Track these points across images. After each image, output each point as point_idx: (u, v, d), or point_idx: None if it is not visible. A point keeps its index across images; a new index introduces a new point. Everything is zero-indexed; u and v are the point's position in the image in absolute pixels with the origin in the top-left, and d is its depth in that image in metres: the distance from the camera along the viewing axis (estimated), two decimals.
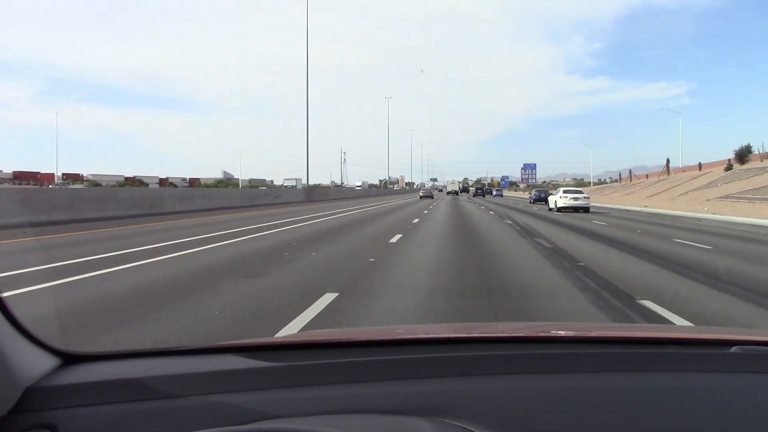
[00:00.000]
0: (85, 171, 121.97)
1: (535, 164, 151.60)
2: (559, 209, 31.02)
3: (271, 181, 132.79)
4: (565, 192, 33.06)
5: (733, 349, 1.32)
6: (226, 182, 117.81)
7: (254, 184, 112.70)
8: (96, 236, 13.18)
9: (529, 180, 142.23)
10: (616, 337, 1.58)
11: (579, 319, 5.21)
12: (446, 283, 7.30)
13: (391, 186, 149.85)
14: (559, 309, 5.81)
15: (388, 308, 5.65)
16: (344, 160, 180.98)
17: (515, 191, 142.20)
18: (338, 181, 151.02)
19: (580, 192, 33.19)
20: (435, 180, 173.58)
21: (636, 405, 1.12)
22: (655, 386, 1.17)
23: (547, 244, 12.15)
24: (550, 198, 35.79)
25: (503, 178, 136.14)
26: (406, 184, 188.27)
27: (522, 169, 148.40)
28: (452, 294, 6.56)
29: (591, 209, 30.98)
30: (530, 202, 49.83)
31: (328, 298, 5.86)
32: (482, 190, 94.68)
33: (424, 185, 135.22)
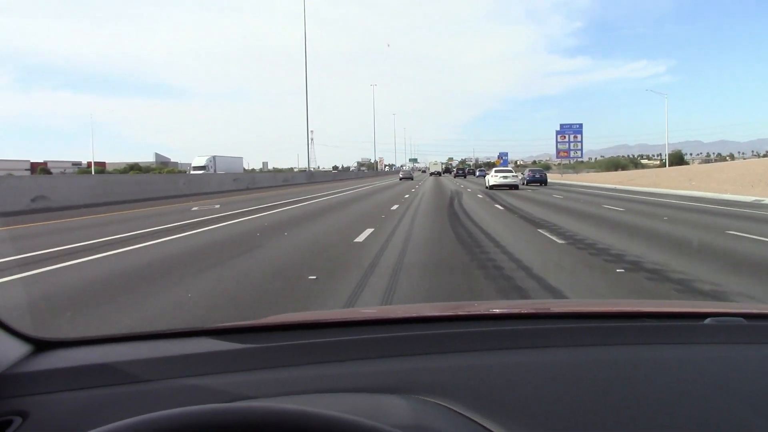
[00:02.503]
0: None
1: (507, 152, 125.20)
2: (491, 187, 34.73)
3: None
4: (496, 171, 37.45)
5: (707, 320, 1.35)
6: (152, 167, 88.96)
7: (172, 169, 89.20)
8: None
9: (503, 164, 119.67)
10: (592, 312, 1.59)
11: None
12: None
13: (362, 168, 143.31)
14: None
15: None
16: (312, 140, 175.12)
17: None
18: (306, 164, 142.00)
19: (510, 171, 38.82)
20: (415, 161, 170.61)
21: (613, 378, 1.13)
22: (632, 359, 1.20)
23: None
24: (486, 177, 39.78)
25: (501, 156, 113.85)
26: (387, 165, 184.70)
27: (498, 157, 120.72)
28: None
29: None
30: (523, 184, 42.56)
31: None
32: (464, 171, 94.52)
33: (404, 167, 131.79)
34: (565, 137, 70.39)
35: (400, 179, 64.81)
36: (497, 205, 19.34)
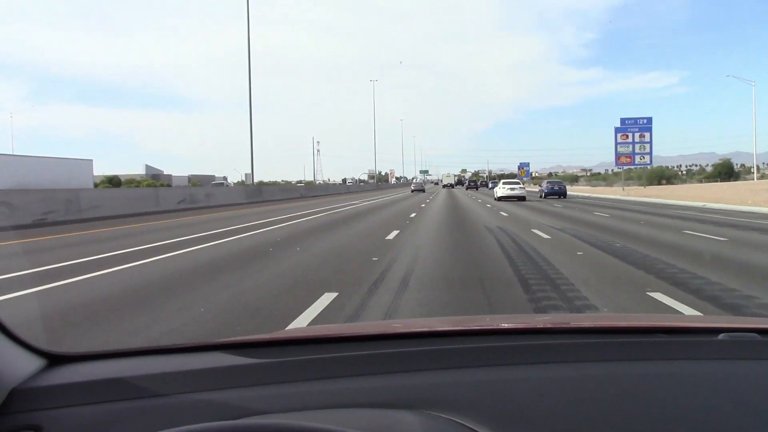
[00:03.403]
0: None
1: (528, 162, 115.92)
2: (499, 198, 35.80)
3: (224, 177, 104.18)
4: (504, 184, 38.66)
5: (720, 336, 1.31)
6: (140, 181, 76.12)
7: (195, 181, 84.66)
8: None
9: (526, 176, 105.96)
10: (605, 327, 1.56)
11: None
12: None
13: (363, 182, 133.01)
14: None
15: None
16: (318, 151, 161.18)
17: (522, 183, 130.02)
18: (313, 176, 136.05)
19: (518, 183, 38.97)
20: (426, 172, 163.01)
21: (624, 394, 1.11)
22: (645, 375, 1.17)
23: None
24: (495, 189, 40.19)
25: (522, 166, 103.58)
26: (397, 178, 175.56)
27: (520, 168, 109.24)
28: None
29: None
30: (540, 197, 39.99)
31: None
32: (476, 183, 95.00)
33: (415, 179, 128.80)
34: (627, 136, 50.04)
35: (412, 191, 62.59)
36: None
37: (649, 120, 52.10)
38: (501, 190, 36.70)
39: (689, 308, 5.36)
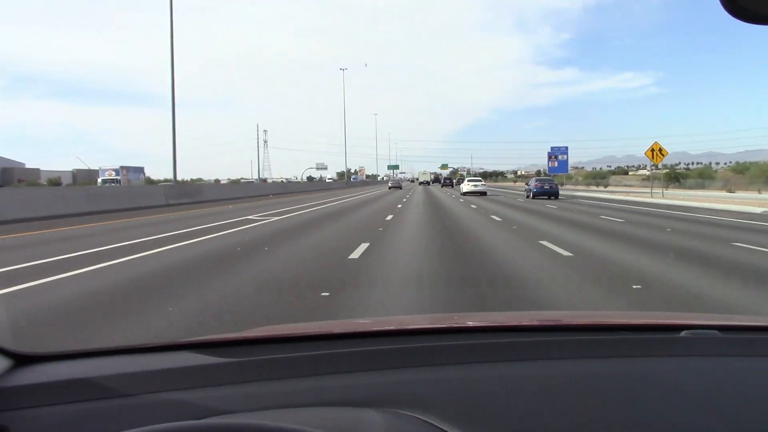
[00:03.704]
0: None
1: (566, 147, 71.71)
2: (464, 193, 40.00)
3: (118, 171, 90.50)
4: (468, 181, 44.75)
5: (683, 333, 1.33)
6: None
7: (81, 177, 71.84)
8: None
9: (559, 164, 70.39)
10: (570, 325, 1.57)
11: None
12: None
13: (332, 179, 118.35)
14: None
15: None
16: (265, 142, 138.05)
17: (500, 181, 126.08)
18: (258, 172, 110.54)
19: (480, 180, 45.72)
20: (396, 167, 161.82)
21: (589, 391, 1.12)
22: (608, 372, 1.19)
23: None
24: (461, 185, 44.51)
25: (555, 153, 69.61)
26: (368, 176, 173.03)
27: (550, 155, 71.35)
28: None
29: None
30: (527, 197, 35.30)
31: None
32: (451, 180, 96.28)
33: (395, 175, 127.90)
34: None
35: (390, 188, 63.96)
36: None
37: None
38: (466, 186, 42.78)
39: None
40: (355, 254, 9.27)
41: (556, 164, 70.48)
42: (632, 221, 17.35)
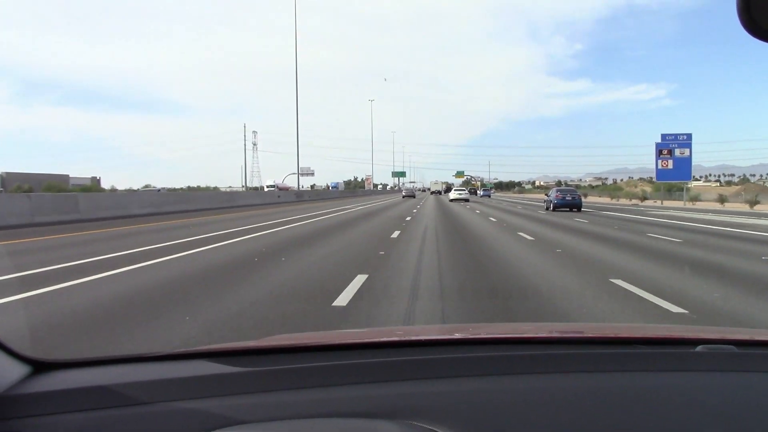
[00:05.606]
0: None
1: (690, 134, 46.75)
2: (451, 200, 49.27)
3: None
4: (454, 190, 56.42)
5: (699, 348, 1.32)
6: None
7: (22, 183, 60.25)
8: None
9: (675, 165, 45.46)
10: (587, 338, 1.57)
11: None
12: None
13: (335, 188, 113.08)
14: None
15: None
16: (254, 145, 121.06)
17: (510, 192, 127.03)
18: (245, 178, 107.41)
19: (463, 189, 57.89)
20: (402, 174, 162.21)
21: (605, 405, 1.12)
22: (624, 386, 1.18)
23: None
24: (449, 194, 56.48)
25: (669, 142, 45.41)
26: (375, 185, 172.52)
27: (657, 148, 45.97)
28: None
29: None
30: (547, 209, 31.84)
31: None
32: (475, 190, 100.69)
33: (412, 185, 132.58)
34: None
35: (403, 197, 67.27)
36: None
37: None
38: (453, 194, 54.17)
39: None
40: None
41: (670, 165, 42.77)
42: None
